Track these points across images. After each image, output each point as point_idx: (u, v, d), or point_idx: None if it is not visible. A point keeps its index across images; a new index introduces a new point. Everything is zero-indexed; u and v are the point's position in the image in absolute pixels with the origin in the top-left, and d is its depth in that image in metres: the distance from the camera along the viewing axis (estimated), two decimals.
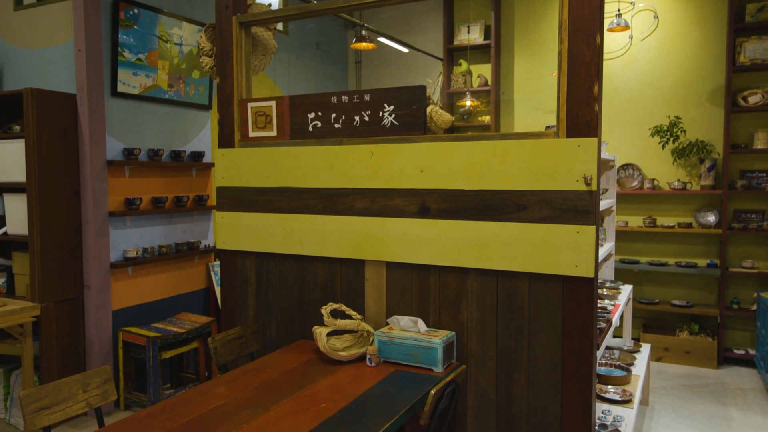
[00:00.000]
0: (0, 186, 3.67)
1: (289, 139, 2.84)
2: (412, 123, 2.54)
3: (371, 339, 2.54)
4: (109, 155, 3.75)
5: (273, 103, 2.86)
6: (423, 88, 2.53)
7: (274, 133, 2.88)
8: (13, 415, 3.61)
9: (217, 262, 4.56)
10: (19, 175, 3.53)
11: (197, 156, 4.33)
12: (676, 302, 4.91)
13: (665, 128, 4.91)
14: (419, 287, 2.59)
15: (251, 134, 2.93)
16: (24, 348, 3.36)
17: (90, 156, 3.61)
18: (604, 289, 3.73)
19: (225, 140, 3.01)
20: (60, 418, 1.91)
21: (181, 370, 4.19)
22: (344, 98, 2.68)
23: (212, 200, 4.52)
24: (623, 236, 5.25)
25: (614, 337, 4.20)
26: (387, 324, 2.64)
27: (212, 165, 4.44)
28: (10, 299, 3.54)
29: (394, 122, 2.58)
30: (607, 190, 3.99)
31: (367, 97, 2.63)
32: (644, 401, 3.87)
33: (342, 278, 2.78)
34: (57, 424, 3.48)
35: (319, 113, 2.74)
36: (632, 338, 4.48)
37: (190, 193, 4.34)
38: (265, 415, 1.90)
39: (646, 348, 3.92)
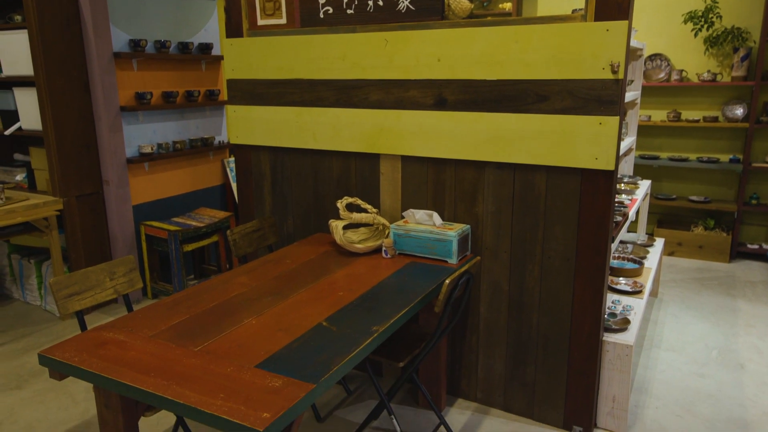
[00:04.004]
0: (9, 80, 3.61)
1: (299, 27, 2.70)
2: (429, 7, 2.39)
3: (387, 232, 2.57)
4: (115, 47, 3.64)
5: None
6: None
7: (283, 20, 2.73)
8: (48, 302, 3.82)
9: (232, 159, 4.56)
10: (26, 68, 3.46)
11: (205, 48, 4.18)
12: (694, 198, 4.87)
13: (700, 14, 4.59)
14: (435, 181, 2.57)
15: (260, 22, 2.80)
16: (51, 240, 3.48)
17: (96, 47, 3.50)
18: (622, 184, 3.69)
19: (233, 29, 2.88)
20: (90, 303, 2.00)
21: (203, 262, 4.34)
22: None
23: (223, 95, 4.44)
24: (645, 131, 5.10)
25: (628, 232, 4.22)
26: (402, 217, 2.66)
27: (221, 58, 4.31)
28: (32, 194, 3.61)
29: (410, 6, 2.42)
30: (632, 81, 3.82)
31: None
32: (654, 293, 3.96)
33: (357, 172, 2.76)
34: (89, 311, 3.70)
35: None
36: (646, 233, 4.51)
37: (201, 88, 4.25)
38: (285, 301, 1.98)
39: (659, 242, 3.95)
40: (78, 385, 2.89)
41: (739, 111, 4.68)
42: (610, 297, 2.94)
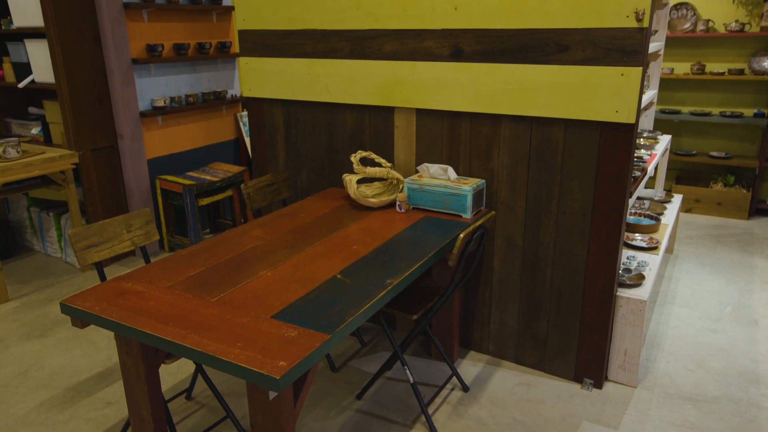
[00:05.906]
0: (21, 31, 3.58)
1: None
2: None
3: (401, 186, 2.55)
4: None
5: None
6: None
7: None
8: (68, 254, 3.89)
9: (245, 113, 4.53)
10: (36, 19, 3.42)
11: None
12: (715, 154, 4.76)
13: None
14: (450, 135, 2.53)
15: None
16: (68, 193, 3.52)
17: None
18: (641, 139, 3.62)
19: None
20: (108, 255, 2.03)
21: (218, 216, 4.38)
22: None
23: (235, 47, 4.37)
24: (667, 84, 4.96)
25: (645, 188, 4.16)
26: (416, 171, 2.64)
27: (232, 8, 4.21)
28: (48, 147, 3.63)
29: None
30: (657, 31, 3.68)
31: None
32: (669, 249, 3.93)
33: (371, 126, 2.73)
34: (108, 263, 3.77)
35: None
36: (664, 189, 4.44)
37: (212, 40, 4.18)
38: (300, 254, 1.99)
39: (677, 198, 3.89)
40: (100, 334, 2.98)
41: (767, 63, 4.51)
42: (626, 253, 2.92)
